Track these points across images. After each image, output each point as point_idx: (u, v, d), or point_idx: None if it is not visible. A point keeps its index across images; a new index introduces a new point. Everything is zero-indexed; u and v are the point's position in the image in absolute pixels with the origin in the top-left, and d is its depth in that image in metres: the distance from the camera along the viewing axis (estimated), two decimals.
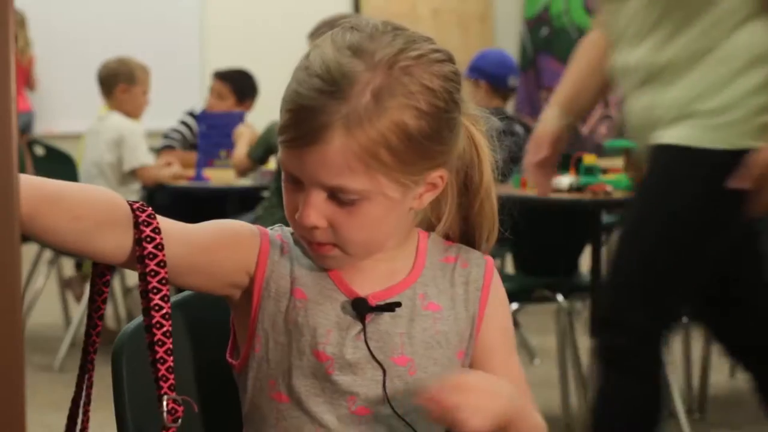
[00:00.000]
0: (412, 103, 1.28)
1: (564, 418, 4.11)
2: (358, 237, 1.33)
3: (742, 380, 4.71)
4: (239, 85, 6.05)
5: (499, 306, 1.44)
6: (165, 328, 1.28)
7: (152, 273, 1.27)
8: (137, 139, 5.21)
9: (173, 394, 1.29)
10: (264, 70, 6.31)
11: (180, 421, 1.29)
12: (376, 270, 1.39)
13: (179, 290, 1.42)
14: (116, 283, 5.47)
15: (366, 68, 1.28)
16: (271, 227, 1.41)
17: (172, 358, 1.29)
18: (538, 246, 4.16)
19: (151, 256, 1.26)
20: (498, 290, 1.44)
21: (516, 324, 5.08)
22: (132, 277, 5.66)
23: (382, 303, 1.36)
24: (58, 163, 5.16)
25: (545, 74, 9.64)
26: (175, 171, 5.33)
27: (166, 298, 1.28)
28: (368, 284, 1.38)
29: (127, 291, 5.41)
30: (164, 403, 1.28)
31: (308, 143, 1.27)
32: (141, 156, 5.19)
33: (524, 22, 9.74)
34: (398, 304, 1.36)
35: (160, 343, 1.28)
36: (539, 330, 5.48)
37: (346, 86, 1.27)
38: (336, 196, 1.30)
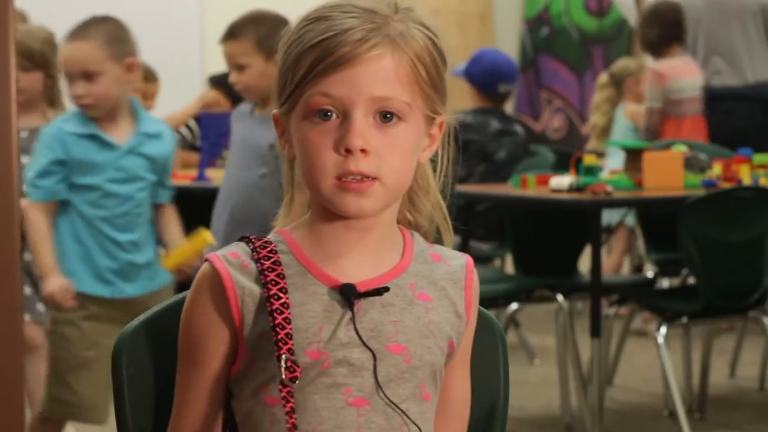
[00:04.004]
0: (427, 34, 1.37)
1: (564, 418, 4.10)
2: (396, 164, 1.34)
3: (742, 380, 4.71)
4: (232, 89, 6.12)
5: (475, 312, 1.45)
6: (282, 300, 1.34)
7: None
8: None
9: (292, 356, 1.32)
10: None
11: (297, 381, 1.32)
12: (365, 259, 1.38)
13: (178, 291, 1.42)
14: None
15: (383, 6, 1.36)
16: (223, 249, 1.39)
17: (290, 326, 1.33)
18: (538, 246, 4.16)
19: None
20: (476, 293, 1.45)
21: (516, 324, 5.07)
22: None
23: (370, 289, 1.36)
24: None
25: (545, 74, 9.64)
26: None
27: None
28: (358, 274, 1.37)
29: None
30: (283, 359, 1.32)
31: (359, 57, 1.32)
32: None
33: (524, 22, 9.73)
34: (386, 289, 1.36)
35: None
36: (539, 330, 5.48)
37: (375, 16, 1.35)
38: (379, 115, 1.33)
